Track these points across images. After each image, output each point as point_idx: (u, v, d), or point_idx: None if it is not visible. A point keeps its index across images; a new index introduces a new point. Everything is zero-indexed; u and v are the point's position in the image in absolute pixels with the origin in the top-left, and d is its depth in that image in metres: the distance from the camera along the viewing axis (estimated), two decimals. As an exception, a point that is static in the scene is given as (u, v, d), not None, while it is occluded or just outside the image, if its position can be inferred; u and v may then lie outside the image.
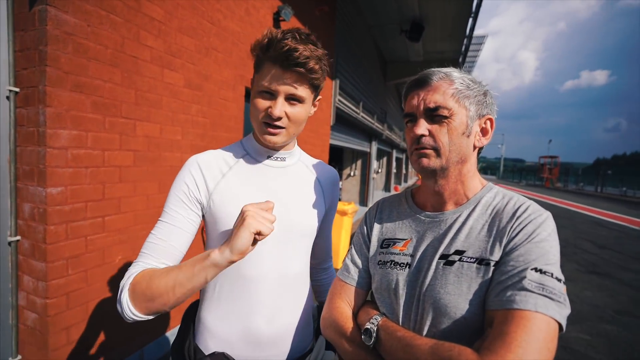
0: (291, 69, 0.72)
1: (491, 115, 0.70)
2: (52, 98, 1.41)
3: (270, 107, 0.75)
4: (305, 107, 0.79)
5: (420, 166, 0.67)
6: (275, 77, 0.73)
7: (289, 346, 0.83)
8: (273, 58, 0.72)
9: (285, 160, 0.88)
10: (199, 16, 2.23)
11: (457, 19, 6.31)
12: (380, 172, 12.83)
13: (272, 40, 0.71)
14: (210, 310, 0.81)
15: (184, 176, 0.79)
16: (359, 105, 6.59)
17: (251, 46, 0.77)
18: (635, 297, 3.84)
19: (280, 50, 0.70)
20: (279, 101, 0.74)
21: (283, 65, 0.72)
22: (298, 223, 0.84)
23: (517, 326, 0.49)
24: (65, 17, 1.44)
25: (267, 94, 0.75)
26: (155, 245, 0.73)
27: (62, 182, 1.47)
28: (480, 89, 0.68)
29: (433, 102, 0.65)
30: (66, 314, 1.54)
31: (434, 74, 0.68)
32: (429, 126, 0.66)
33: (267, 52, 0.72)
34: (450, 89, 0.65)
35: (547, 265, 0.54)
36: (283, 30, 0.73)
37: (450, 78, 0.67)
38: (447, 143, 0.65)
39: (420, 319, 0.63)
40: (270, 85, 0.73)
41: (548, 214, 0.63)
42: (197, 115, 2.27)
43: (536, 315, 0.49)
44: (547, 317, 0.50)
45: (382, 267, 0.72)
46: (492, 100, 0.71)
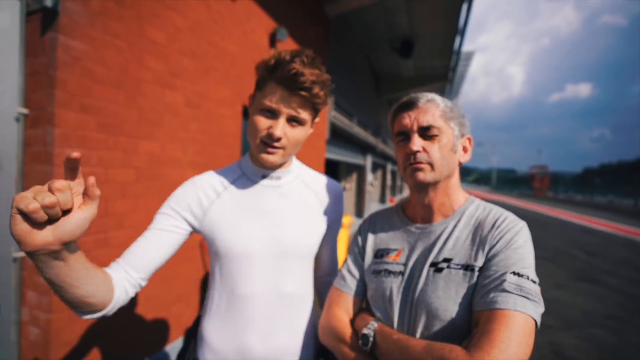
0: (296, 92, 0.72)
1: (469, 135, 0.79)
2: (59, 119, 1.48)
3: (271, 126, 0.75)
4: (305, 128, 0.80)
5: (416, 180, 0.72)
6: (280, 98, 0.73)
7: None
8: (279, 79, 0.72)
9: (280, 179, 0.87)
10: (198, 39, 2.34)
11: (445, 37, 6.59)
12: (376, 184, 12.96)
13: (279, 61, 0.71)
14: (210, 325, 0.83)
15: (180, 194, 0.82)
16: (353, 119, 6.75)
17: (257, 64, 0.78)
18: (623, 302, 3.93)
19: (287, 73, 0.70)
20: (281, 122, 0.74)
21: (288, 88, 0.72)
22: (292, 243, 0.84)
23: (500, 324, 0.55)
24: (73, 43, 1.52)
25: (269, 112, 0.75)
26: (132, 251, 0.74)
27: (67, 199, 1.53)
28: (459, 112, 0.77)
29: (425, 121, 0.72)
30: (68, 329, 1.57)
31: (420, 97, 0.75)
32: (422, 143, 0.73)
33: (274, 73, 0.72)
34: (438, 111, 0.73)
35: (523, 269, 0.62)
36: (291, 52, 0.73)
37: (436, 102, 0.75)
38: (439, 158, 0.72)
39: (413, 322, 0.69)
40: (273, 105, 0.73)
41: (523, 223, 0.70)
42: (196, 132, 2.36)
43: (515, 313, 0.56)
44: (525, 315, 0.56)
45: (376, 276, 0.77)
46: (468, 123, 0.80)
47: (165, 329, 2.18)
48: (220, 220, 0.81)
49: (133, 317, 1.93)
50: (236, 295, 0.80)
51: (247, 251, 0.80)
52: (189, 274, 2.35)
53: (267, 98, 0.74)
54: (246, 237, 0.80)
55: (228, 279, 0.81)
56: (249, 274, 0.80)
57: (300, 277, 0.87)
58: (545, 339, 2.93)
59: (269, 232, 0.82)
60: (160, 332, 2.14)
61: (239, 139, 2.87)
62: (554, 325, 3.23)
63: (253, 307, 0.80)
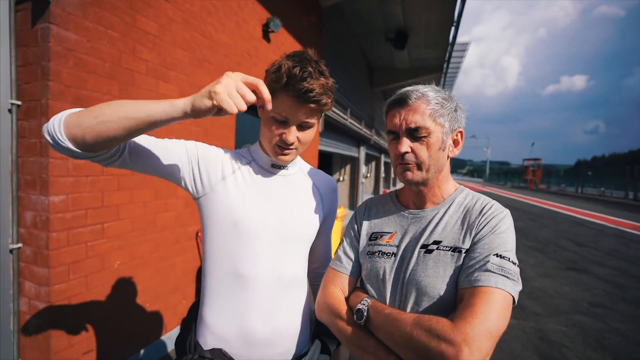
0: (306, 105, 0.78)
1: (461, 128, 0.81)
2: (54, 111, 1.48)
3: (283, 132, 0.80)
4: (314, 130, 0.86)
5: (405, 179, 0.78)
6: (291, 108, 0.78)
7: (284, 347, 0.87)
8: (290, 93, 0.76)
9: (287, 169, 0.94)
10: (191, 30, 2.33)
11: (440, 28, 6.57)
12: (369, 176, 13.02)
13: (291, 78, 0.75)
14: (210, 308, 0.85)
15: (214, 148, 0.87)
16: (347, 111, 6.75)
17: (266, 73, 0.81)
18: (608, 290, 4.06)
19: (298, 90, 0.75)
20: (293, 129, 0.80)
21: (299, 101, 0.77)
22: (295, 228, 0.89)
23: (481, 299, 0.62)
24: (66, 34, 1.52)
25: (281, 122, 0.80)
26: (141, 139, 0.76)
27: (63, 191, 1.54)
28: (452, 106, 0.77)
29: (414, 122, 0.75)
30: (67, 318, 1.59)
31: (412, 93, 0.77)
32: (411, 144, 0.76)
33: (286, 87, 0.76)
34: (428, 109, 0.74)
35: (505, 252, 0.68)
36: (300, 65, 0.76)
37: (427, 98, 0.75)
38: (427, 158, 0.76)
39: (404, 299, 0.75)
40: (285, 115, 0.79)
41: (507, 211, 0.76)
42: (190, 124, 2.36)
43: (496, 290, 0.63)
44: (504, 291, 0.63)
45: (371, 256, 0.83)
46: (462, 114, 0.81)
47: (161, 319, 2.22)
48: (231, 194, 0.84)
49: (130, 307, 1.97)
50: (239, 276, 0.83)
51: (256, 229, 0.83)
52: (184, 265, 2.38)
53: (279, 108, 0.79)
54: (256, 215, 0.84)
55: (231, 259, 0.84)
56: (253, 254, 0.83)
57: (299, 260, 0.92)
58: (532, 325, 3.03)
59: (277, 214, 0.87)
60: (156, 322, 2.18)
61: (232, 131, 2.88)
62: (541, 312, 3.34)
63: (255, 289, 0.83)
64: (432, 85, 0.80)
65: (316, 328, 1.00)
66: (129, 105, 0.65)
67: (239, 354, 0.83)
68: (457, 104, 0.80)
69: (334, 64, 5.77)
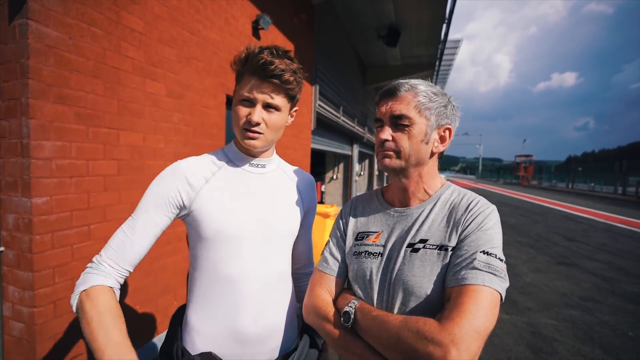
0: (268, 80, 0.80)
1: (450, 125, 0.79)
2: (35, 110, 1.44)
3: (250, 113, 0.82)
4: (282, 115, 0.86)
5: (382, 165, 0.79)
6: (254, 86, 0.80)
7: (275, 344, 0.88)
8: (251, 70, 0.80)
9: (265, 167, 0.94)
10: (179, 27, 2.29)
11: (431, 25, 6.58)
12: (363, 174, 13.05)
13: (249, 54, 0.80)
14: (197, 311, 0.84)
15: (167, 181, 0.82)
16: (339, 109, 6.74)
17: (232, 60, 0.85)
18: (598, 284, 4.13)
19: (257, 63, 0.78)
20: (257, 108, 0.82)
21: (260, 77, 0.79)
22: (278, 226, 0.90)
23: (469, 297, 0.61)
24: (46, 30, 1.47)
25: (247, 102, 0.82)
26: (122, 244, 0.78)
27: (47, 192, 1.50)
28: (442, 101, 0.77)
29: (398, 110, 0.75)
30: (53, 323, 1.56)
31: (402, 85, 0.77)
32: (393, 132, 0.77)
33: (246, 65, 0.81)
34: (414, 101, 0.75)
35: (492, 249, 0.67)
36: (261, 47, 0.81)
37: (416, 90, 0.76)
38: (407, 147, 0.76)
39: (391, 299, 0.74)
40: (249, 94, 0.81)
41: (493, 207, 0.75)
42: (179, 123, 2.32)
43: (483, 288, 0.62)
44: (491, 289, 0.62)
45: (357, 257, 0.82)
46: (454, 111, 0.80)
47: (152, 321, 2.19)
48: (209, 205, 0.83)
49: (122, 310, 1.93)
50: (225, 278, 0.83)
51: (239, 233, 0.83)
52: (175, 266, 2.35)
53: (243, 89, 0.82)
54: (237, 219, 0.84)
55: (216, 263, 0.83)
56: (239, 255, 0.83)
57: (283, 257, 0.93)
58: (524, 320, 3.06)
59: (258, 214, 0.87)
60: (148, 324, 2.15)
61: (222, 130, 2.84)
62: (533, 307, 3.38)
63: (244, 288, 0.83)
64: (426, 81, 0.79)
65: (303, 323, 1.00)
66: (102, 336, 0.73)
67: (230, 354, 0.83)
68: (449, 101, 0.79)
69: (325, 61, 5.75)
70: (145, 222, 0.80)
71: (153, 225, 0.81)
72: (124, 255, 0.78)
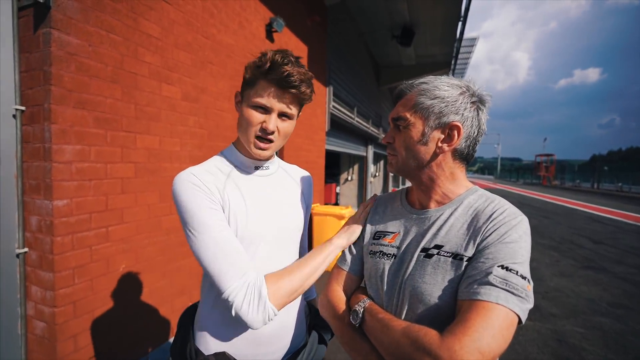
0: (288, 90, 0.80)
1: (459, 122, 0.69)
2: (56, 115, 1.49)
3: (264, 121, 0.81)
4: (293, 122, 0.88)
5: (388, 170, 0.80)
6: (273, 95, 0.80)
7: (286, 342, 0.89)
8: (273, 80, 0.79)
9: (269, 168, 0.95)
10: (194, 32, 2.32)
11: (446, 23, 6.45)
12: (378, 175, 12.92)
13: (274, 64, 0.78)
14: (210, 312, 0.85)
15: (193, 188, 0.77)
16: (353, 110, 6.70)
17: (249, 64, 0.83)
18: (628, 290, 3.91)
19: (281, 74, 0.78)
20: (273, 117, 0.82)
21: (281, 86, 0.79)
22: (290, 225, 0.92)
23: (478, 314, 0.55)
24: (68, 38, 1.52)
25: (262, 109, 0.81)
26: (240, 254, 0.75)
27: (67, 195, 1.54)
28: (449, 96, 0.69)
29: (396, 113, 0.75)
30: (73, 322, 1.60)
31: (411, 86, 0.75)
32: (395, 134, 0.76)
33: (268, 74, 0.79)
34: (412, 101, 0.72)
35: (513, 264, 0.60)
36: (281, 54, 0.79)
37: (419, 89, 0.72)
38: (402, 149, 0.74)
39: (400, 303, 0.71)
40: (267, 103, 0.80)
41: (523, 217, 0.68)
42: (194, 126, 2.35)
43: (496, 306, 0.56)
44: (506, 308, 0.56)
45: (372, 256, 0.81)
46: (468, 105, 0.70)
47: (168, 322, 2.21)
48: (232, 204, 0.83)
49: (136, 310, 1.97)
50: None
51: (256, 236, 0.84)
52: (190, 267, 2.38)
53: (260, 96, 0.81)
54: (256, 222, 0.85)
55: None
56: (254, 257, 0.84)
57: (294, 254, 0.95)
58: (549, 327, 2.93)
59: (272, 216, 0.88)
60: (163, 326, 2.17)
61: (236, 133, 2.86)
62: (558, 313, 3.23)
63: None
64: (443, 76, 0.75)
65: (311, 319, 1.04)
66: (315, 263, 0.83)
67: (244, 353, 0.84)
68: (463, 92, 0.70)
69: (339, 62, 5.72)
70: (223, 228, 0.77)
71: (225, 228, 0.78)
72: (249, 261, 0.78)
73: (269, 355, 0.86)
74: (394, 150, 0.77)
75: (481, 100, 0.73)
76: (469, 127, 0.72)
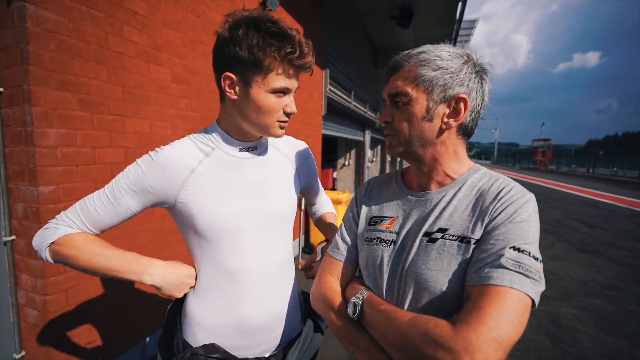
0: (303, 70, 0.77)
1: (465, 94, 0.64)
2: (37, 97, 1.41)
3: (286, 105, 0.77)
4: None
5: (388, 152, 0.73)
6: (292, 76, 0.76)
7: (279, 331, 0.86)
8: (294, 62, 0.73)
9: (256, 149, 0.86)
10: (183, 9, 2.21)
11: (446, 4, 6.26)
12: (375, 160, 12.87)
13: (295, 46, 0.72)
14: (198, 303, 0.81)
15: (145, 169, 0.76)
16: (350, 94, 6.57)
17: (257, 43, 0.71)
18: (621, 272, 3.97)
19: (303, 58, 0.74)
20: (291, 98, 0.78)
21: (299, 67, 0.75)
22: (278, 211, 0.86)
23: (492, 300, 0.51)
24: (45, 13, 1.42)
25: (282, 92, 0.76)
26: (89, 214, 0.76)
27: (53, 181, 1.48)
28: (453, 66, 0.64)
29: (394, 87, 0.67)
30: (66, 310, 1.57)
31: (406, 56, 0.68)
32: (393, 113, 0.69)
33: (289, 56, 0.72)
34: (413, 74, 0.65)
35: (525, 245, 0.56)
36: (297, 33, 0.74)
37: (418, 59, 0.65)
38: (407, 129, 0.67)
39: (402, 293, 0.66)
40: (289, 85, 0.76)
41: (530, 195, 0.64)
42: (186, 109, 2.27)
43: (510, 290, 0.52)
44: (521, 292, 0.52)
45: (369, 243, 0.75)
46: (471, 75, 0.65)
47: (160, 313, 2.20)
48: (199, 197, 0.77)
49: (131, 297, 1.95)
50: (227, 271, 0.80)
51: (236, 225, 0.79)
52: (185, 254, 2.33)
53: (282, 79, 0.74)
54: (233, 210, 0.79)
55: (214, 256, 0.80)
56: (239, 248, 0.80)
57: (284, 241, 0.89)
58: (543, 309, 2.97)
59: (255, 203, 0.82)
60: (159, 312, 2.16)
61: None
62: (552, 295, 3.27)
63: (247, 280, 0.80)
64: (443, 44, 0.68)
65: (307, 308, 0.99)
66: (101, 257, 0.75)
67: (235, 345, 0.81)
68: (467, 62, 0.65)
69: (336, 44, 5.56)
70: (117, 203, 0.76)
71: (124, 208, 0.77)
72: (89, 224, 0.77)
73: (261, 346, 0.83)
74: (393, 131, 0.70)
75: (483, 70, 0.68)
76: (474, 99, 0.66)
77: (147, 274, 0.76)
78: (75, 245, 0.74)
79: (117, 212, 0.77)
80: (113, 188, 0.76)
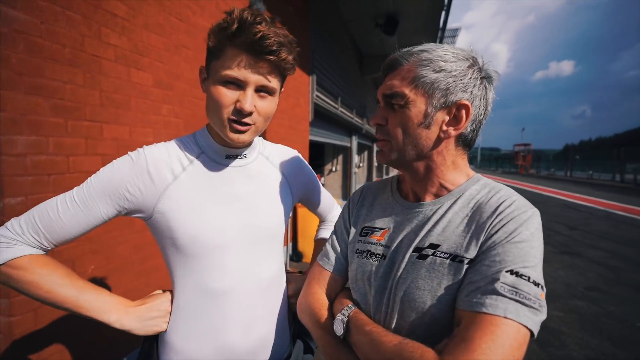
0: (263, 58, 0.64)
1: (468, 100, 0.59)
2: (4, 102, 1.31)
3: (238, 100, 0.65)
4: (275, 99, 0.72)
5: (379, 160, 0.68)
6: (246, 65, 0.64)
7: (266, 355, 0.80)
8: (242, 44, 0.63)
9: (245, 157, 0.79)
10: (166, 13, 2.14)
11: (430, 13, 6.40)
12: (362, 166, 12.93)
13: (243, 22, 0.62)
14: (177, 329, 0.74)
15: (124, 170, 0.68)
16: (337, 100, 6.59)
17: (212, 28, 0.68)
18: (602, 273, 4.08)
19: (252, 37, 0.61)
20: (249, 93, 0.65)
21: (255, 53, 0.63)
22: (265, 226, 0.79)
23: (483, 332, 0.46)
24: (14, 13, 1.33)
25: (233, 84, 0.65)
26: (50, 223, 0.65)
27: (22, 192, 1.38)
28: (458, 69, 0.59)
29: (390, 87, 0.61)
30: (34, 331, 1.45)
31: (405, 54, 0.62)
32: (387, 114, 0.63)
33: (236, 37, 0.63)
34: (412, 74, 0.59)
35: (524, 268, 0.51)
36: (252, 12, 0.64)
37: (419, 58, 0.60)
38: (400, 135, 0.61)
39: (390, 311, 0.62)
40: (238, 75, 0.64)
41: (534, 210, 0.58)
42: (168, 115, 2.19)
43: (505, 321, 0.47)
44: (517, 323, 0.47)
45: (359, 256, 0.70)
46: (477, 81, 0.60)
47: (146, 323, 2.09)
48: (180, 208, 0.70)
49: (110, 313, 1.83)
50: (209, 292, 0.72)
51: (220, 241, 0.72)
52: (169, 265, 2.25)
53: (229, 68, 0.65)
54: (217, 226, 0.72)
55: (196, 274, 0.72)
56: (223, 265, 0.72)
57: (273, 258, 0.83)
58: (530, 313, 3.00)
59: (242, 218, 0.75)
60: (141, 327, 2.05)
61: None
62: (538, 298, 3.32)
63: (231, 301, 0.74)
64: (447, 44, 0.63)
65: (295, 327, 0.92)
66: (64, 289, 0.65)
67: None
68: (472, 67, 0.60)
69: (322, 50, 5.58)
70: (86, 208, 0.67)
71: (94, 215, 0.68)
72: (48, 235, 0.66)
73: None
74: (386, 135, 0.63)
75: (489, 77, 0.63)
76: (477, 107, 0.61)
77: (115, 317, 0.69)
78: (36, 271, 0.64)
79: (86, 219, 0.67)
80: (84, 191, 0.67)
